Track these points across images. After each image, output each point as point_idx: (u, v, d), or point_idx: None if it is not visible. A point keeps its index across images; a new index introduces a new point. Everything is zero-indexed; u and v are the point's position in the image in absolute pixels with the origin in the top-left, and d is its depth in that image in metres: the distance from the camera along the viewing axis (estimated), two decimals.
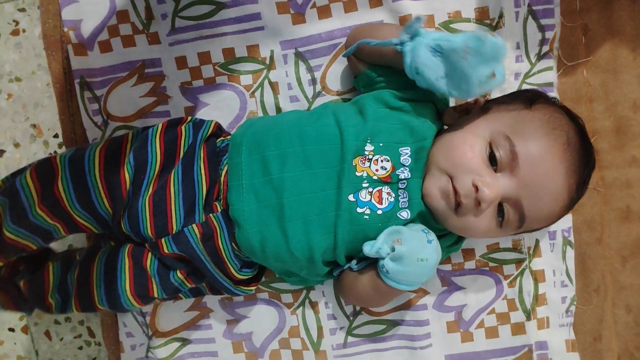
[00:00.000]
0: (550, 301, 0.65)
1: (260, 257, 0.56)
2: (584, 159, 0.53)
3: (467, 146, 0.51)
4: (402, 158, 0.54)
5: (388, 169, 0.53)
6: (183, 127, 0.57)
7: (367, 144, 0.54)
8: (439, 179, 0.52)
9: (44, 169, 0.55)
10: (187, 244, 0.54)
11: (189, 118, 0.59)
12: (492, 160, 0.51)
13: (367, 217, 0.53)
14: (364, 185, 0.53)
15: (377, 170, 0.53)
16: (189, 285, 0.57)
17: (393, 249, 0.51)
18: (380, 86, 0.58)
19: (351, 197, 0.53)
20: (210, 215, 0.55)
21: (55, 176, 0.54)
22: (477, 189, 0.49)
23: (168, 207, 0.53)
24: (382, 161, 0.53)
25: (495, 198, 0.50)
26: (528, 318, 0.65)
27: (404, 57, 0.52)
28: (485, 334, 0.65)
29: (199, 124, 0.58)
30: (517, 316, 0.65)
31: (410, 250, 0.50)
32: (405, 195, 0.53)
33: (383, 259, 0.52)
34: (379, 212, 0.53)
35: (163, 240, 0.54)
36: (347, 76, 0.64)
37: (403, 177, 0.53)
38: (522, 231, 0.55)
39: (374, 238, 0.53)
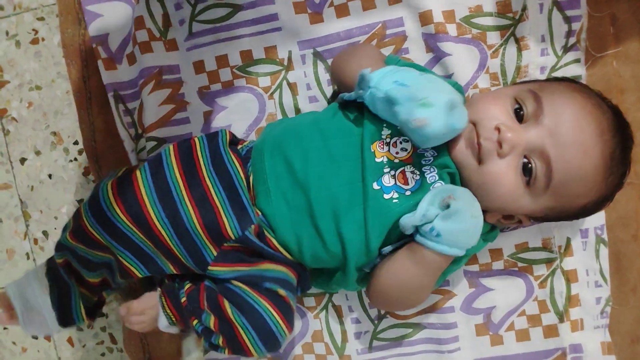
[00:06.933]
0: (584, 302, 0.62)
1: (298, 258, 0.55)
2: (618, 124, 0.51)
3: (492, 98, 0.52)
4: None
5: (409, 150, 0.52)
6: (196, 139, 0.56)
7: (384, 129, 0.52)
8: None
9: (78, 230, 0.54)
10: (249, 242, 0.52)
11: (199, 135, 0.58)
12: (518, 116, 0.50)
13: (397, 200, 0.51)
14: (385, 170, 0.51)
15: (397, 152, 0.52)
16: (291, 272, 0.55)
17: (445, 207, 0.48)
18: None
19: (375, 185, 0.51)
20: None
21: (88, 234, 0.53)
22: (499, 131, 0.48)
23: (218, 217, 0.52)
24: (401, 142, 0.52)
25: (518, 141, 0.48)
26: (561, 320, 0.62)
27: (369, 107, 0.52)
28: (516, 337, 0.63)
29: (212, 134, 0.58)
30: (549, 318, 0.63)
31: (466, 205, 0.48)
32: (433, 170, 0.51)
33: (430, 222, 0.48)
34: (407, 192, 0.51)
35: (226, 244, 0.52)
36: None
37: (428, 155, 0.52)
38: (553, 206, 0.51)
39: None
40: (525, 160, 0.49)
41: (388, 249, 0.53)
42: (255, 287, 0.53)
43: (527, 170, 0.49)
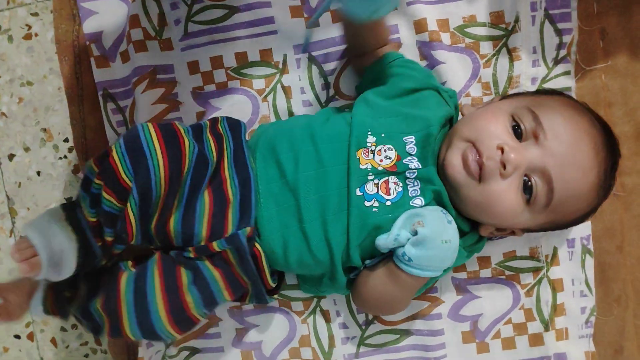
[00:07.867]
0: (569, 311, 0.63)
1: (282, 263, 0.55)
2: (609, 141, 0.52)
3: (490, 115, 0.52)
4: (407, 147, 0.53)
5: (393, 158, 0.52)
6: (219, 122, 0.56)
7: (369, 136, 0.53)
8: (460, 147, 0.51)
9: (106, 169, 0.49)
10: (239, 244, 0.51)
11: (220, 118, 0.58)
12: (516, 134, 0.51)
13: (376, 209, 0.51)
14: (369, 177, 0.52)
15: (381, 160, 0.52)
16: (227, 293, 0.54)
17: (414, 233, 0.48)
18: (380, 83, 0.57)
19: (358, 192, 0.51)
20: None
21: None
22: (502, 151, 0.48)
23: (227, 210, 0.51)
24: (385, 151, 0.52)
25: (521, 162, 0.49)
26: (546, 329, 0.63)
27: None
28: (502, 345, 0.64)
29: (234, 122, 0.57)
30: (535, 327, 0.63)
31: (434, 232, 0.47)
32: (416, 184, 0.52)
33: (403, 246, 0.49)
34: (388, 203, 0.51)
35: (215, 243, 0.51)
36: None
37: (413, 167, 0.52)
38: (549, 221, 0.52)
39: (387, 230, 0.51)
40: (526, 178, 0.50)
41: (374, 261, 0.53)
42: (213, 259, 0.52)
43: (527, 188, 0.50)
